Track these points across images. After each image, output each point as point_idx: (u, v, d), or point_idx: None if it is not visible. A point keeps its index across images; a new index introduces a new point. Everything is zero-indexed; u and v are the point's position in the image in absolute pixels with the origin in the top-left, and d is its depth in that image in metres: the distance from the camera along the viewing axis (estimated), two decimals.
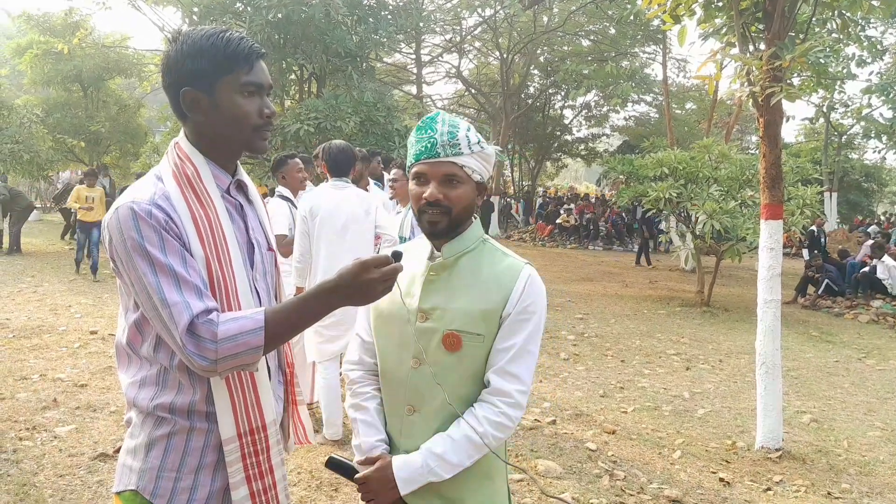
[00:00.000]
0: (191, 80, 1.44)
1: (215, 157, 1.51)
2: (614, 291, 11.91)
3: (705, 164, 10.48)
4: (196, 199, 1.44)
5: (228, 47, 1.43)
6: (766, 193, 4.58)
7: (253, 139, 1.49)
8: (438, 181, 1.62)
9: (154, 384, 1.45)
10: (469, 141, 1.61)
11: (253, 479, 1.48)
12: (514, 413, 1.59)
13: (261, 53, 1.48)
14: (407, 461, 1.60)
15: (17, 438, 4.11)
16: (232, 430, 1.44)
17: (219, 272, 1.42)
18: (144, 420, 1.46)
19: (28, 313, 7.59)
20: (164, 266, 1.33)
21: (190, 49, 1.43)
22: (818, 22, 5.20)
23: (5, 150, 15.21)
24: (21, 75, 21.89)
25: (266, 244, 1.62)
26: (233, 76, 1.44)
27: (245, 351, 1.33)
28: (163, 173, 1.47)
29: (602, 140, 28.50)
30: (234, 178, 1.55)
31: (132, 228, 1.34)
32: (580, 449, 4.46)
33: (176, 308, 1.31)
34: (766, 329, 4.58)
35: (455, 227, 1.64)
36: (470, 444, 1.57)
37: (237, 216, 1.54)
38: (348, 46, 12.95)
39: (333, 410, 4.31)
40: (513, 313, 1.60)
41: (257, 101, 1.47)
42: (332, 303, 1.39)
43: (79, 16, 20.34)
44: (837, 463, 4.52)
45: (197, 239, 1.40)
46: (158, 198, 1.39)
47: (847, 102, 22.53)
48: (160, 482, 1.43)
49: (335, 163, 4.37)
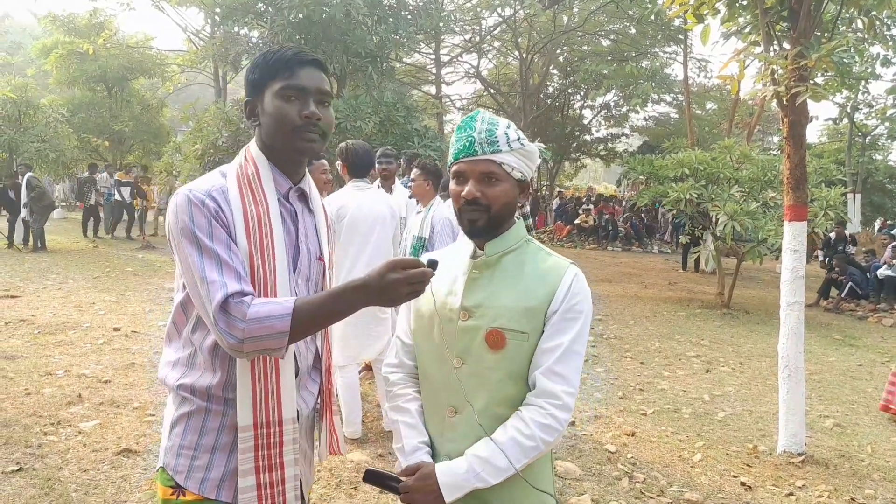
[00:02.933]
0: (250, 91, 1.59)
1: (278, 162, 1.60)
2: (633, 293, 11.83)
3: (726, 164, 10.36)
4: (252, 196, 1.53)
5: (275, 56, 1.55)
6: (790, 195, 4.53)
7: (293, 140, 1.54)
8: (476, 179, 1.60)
9: (184, 365, 1.55)
10: (508, 138, 1.59)
11: (262, 470, 1.51)
12: (561, 415, 1.55)
13: (307, 60, 1.56)
14: (451, 467, 1.55)
15: (42, 433, 4.18)
16: (249, 419, 1.49)
17: (260, 266, 1.49)
18: (173, 400, 1.57)
19: (53, 310, 7.71)
20: (210, 249, 1.42)
21: (252, 65, 1.59)
22: (843, 21, 5.13)
23: (31, 148, 15.47)
24: (47, 75, 22.27)
25: (318, 253, 1.66)
26: (275, 81, 1.54)
27: (270, 334, 1.38)
28: (228, 171, 1.57)
29: (622, 140, 28.28)
30: (296, 185, 1.63)
31: (185, 213, 1.44)
32: (599, 451, 4.44)
33: (213, 286, 1.39)
34: (789, 332, 4.52)
35: (495, 225, 1.62)
36: (517, 448, 1.52)
37: (290, 221, 1.60)
38: (368, 47, 12.99)
39: (353, 409, 4.33)
40: (559, 311, 1.56)
41: (298, 104, 1.54)
42: (358, 300, 1.42)
43: (103, 17, 20.69)
44: (861, 468, 4.46)
45: (244, 232, 1.48)
46: (215, 190, 1.49)
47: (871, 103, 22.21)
48: (179, 458, 1.52)
49: (357, 163, 4.36)
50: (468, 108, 26.25)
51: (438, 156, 12.23)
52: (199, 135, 13.31)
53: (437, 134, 15.33)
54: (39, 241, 13.00)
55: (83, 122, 20.47)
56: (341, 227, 4.24)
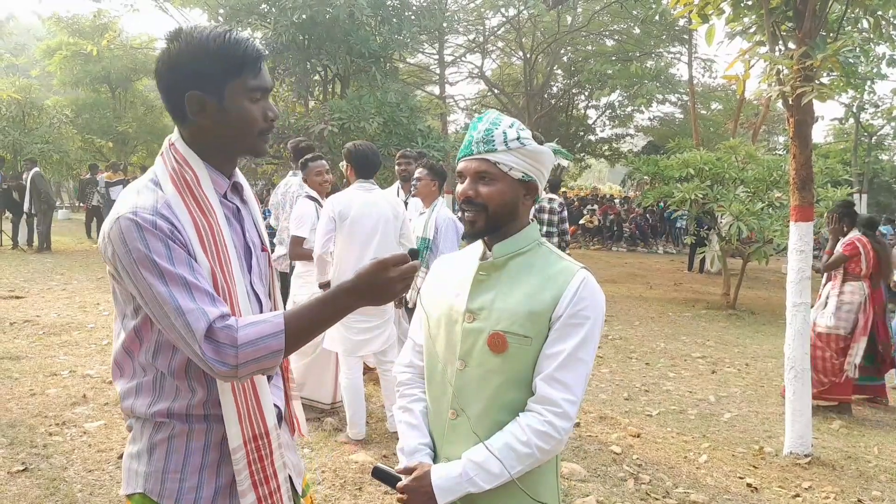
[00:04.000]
0: (197, 83, 1.39)
1: (213, 160, 1.47)
2: (638, 293, 11.81)
3: (732, 164, 10.33)
4: (197, 206, 1.41)
5: (238, 49, 1.39)
6: (796, 195, 4.51)
7: (257, 143, 1.47)
8: (472, 178, 1.60)
9: (150, 391, 1.44)
10: (506, 137, 1.57)
11: (259, 484, 1.48)
12: (560, 423, 1.50)
13: (262, 55, 1.46)
14: (446, 470, 1.54)
15: (48, 433, 4.18)
16: (238, 439, 1.44)
17: (223, 280, 1.41)
18: (144, 426, 1.47)
19: (58, 310, 7.73)
20: (175, 276, 1.31)
21: (196, 50, 1.38)
22: (849, 21, 5.10)
23: (35, 149, 15.52)
24: (51, 76, 22.30)
25: (261, 244, 1.61)
26: (241, 80, 1.40)
27: (266, 355, 1.32)
28: (160, 178, 1.42)
29: (626, 140, 28.22)
30: (230, 181, 1.53)
31: (137, 240, 1.30)
32: (605, 452, 4.43)
33: (192, 315, 1.29)
34: (795, 333, 4.50)
35: (496, 226, 1.60)
36: (512, 454, 1.49)
37: (234, 220, 1.53)
38: (372, 47, 12.98)
39: (357, 410, 4.32)
40: (564, 316, 1.52)
41: (262, 105, 1.45)
42: (350, 303, 1.39)
43: (107, 18, 20.71)
44: (867, 469, 4.44)
45: (200, 248, 1.38)
46: (161, 206, 1.36)
47: (877, 103, 22.12)
48: (166, 483, 1.44)
49: (362, 164, 4.34)
50: (472, 109, 26.25)
51: (442, 156, 12.22)
52: None
53: (440, 134, 15.32)
54: (45, 241, 13.03)
55: (87, 122, 20.53)
56: (343, 226, 4.23)
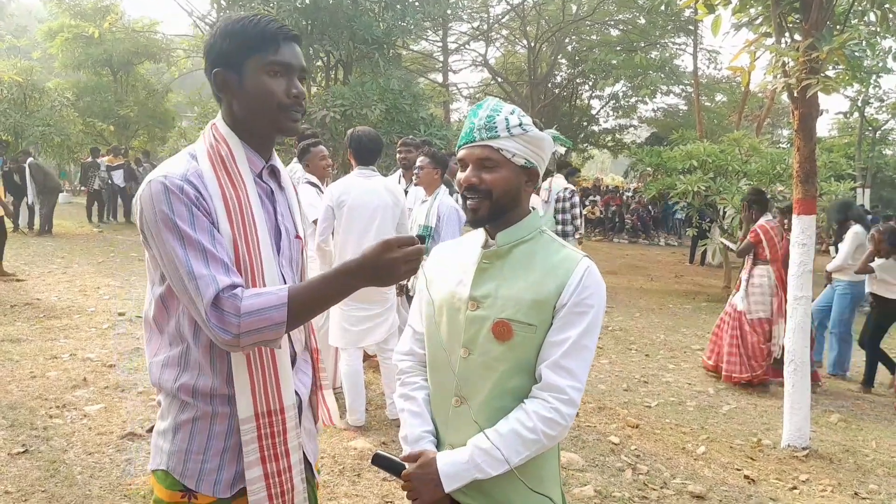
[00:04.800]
0: (222, 62, 1.46)
1: (249, 140, 1.52)
2: (639, 285, 11.81)
3: (735, 157, 10.31)
4: (228, 179, 1.45)
5: (256, 28, 1.44)
6: (800, 188, 4.49)
7: (280, 119, 1.48)
8: (475, 165, 1.59)
9: (177, 365, 1.47)
10: (508, 123, 1.56)
11: (268, 459, 1.48)
12: (566, 410, 1.51)
13: (290, 35, 1.49)
14: (452, 456, 1.54)
15: (48, 416, 4.20)
16: (249, 410, 1.45)
17: (245, 253, 1.43)
18: (171, 404, 1.49)
19: (58, 294, 7.73)
20: (193, 240, 1.34)
21: (222, 32, 1.46)
22: (856, 13, 5.06)
23: (37, 132, 15.49)
24: (52, 59, 22.23)
25: (294, 231, 1.62)
26: (259, 56, 1.44)
27: (268, 326, 1.34)
28: (197, 152, 1.48)
29: (630, 131, 28.13)
30: (267, 163, 1.56)
31: (163, 202, 1.35)
32: (603, 442, 4.44)
33: (202, 281, 1.32)
34: (795, 326, 4.50)
35: (499, 213, 1.60)
36: (518, 440, 1.50)
37: (267, 201, 1.54)
38: (375, 33, 12.92)
39: (356, 396, 4.33)
40: (568, 304, 1.53)
41: (284, 81, 1.47)
42: (355, 282, 1.39)
43: (109, 1, 20.57)
44: (865, 463, 4.45)
45: (226, 218, 1.41)
46: (191, 174, 1.40)
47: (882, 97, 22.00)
48: (188, 464, 1.46)
49: (361, 150, 4.32)
50: (475, 97, 26.14)
51: (444, 144, 12.18)
52: (204, 120, 13.30)
53: (443, 122, 15.27)
54: (47, 224, 13.04)
55: (88, 106, 20.44)
56: (342, 213, 4.22)
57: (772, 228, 6.10)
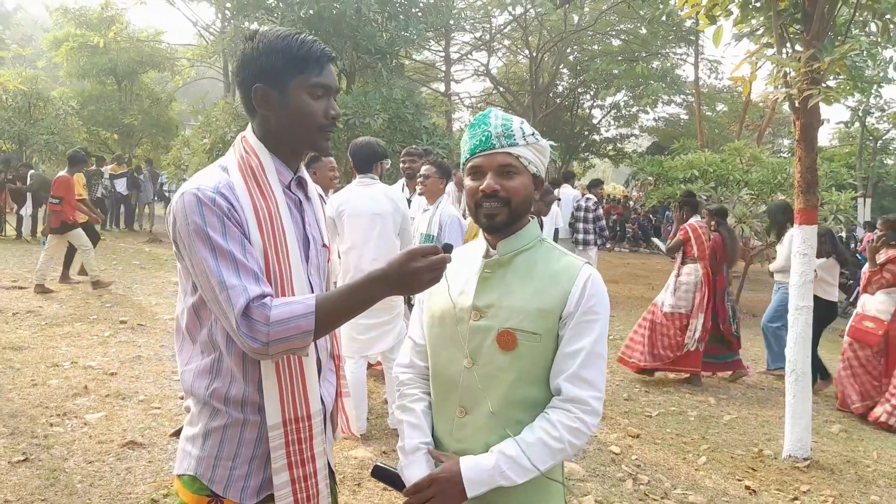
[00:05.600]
0: (263, 77, 1.49)
1: (280, 152, 1.56)
2: (640, 294, 11.79)
3: (736, 166, 10.34)
4: (259, 190, 1.49)
5: (302, 48, 1.48)
6: (801, 198, 4.50)
7: (317, 138, 1.53)
8: (495, 172, 1.59)
9: (209, 373, 1.51)
10: (524, 132, 1.60)
11: (294, 465, 1.51)
12: (591, 420, 1.52)
13: (331, 58, 1.54)
14: (477, 462, 1.53)
15: (48, 424, 4.20)
16: (278, 417, 1.48)
17: (275, 262, 1.47)
18: (202, 410, 1.52)
19: (60, 301, 7.75)
20: (225, 251, 1.38)
21: (265, 47, 1.48)
22: (857, 24, 5.08)
23: (41, 140, 15.54)
24: (57, 68, 22.35)
25: (321, 241, 1.66)
26: (304, 76, 1.49)
27: (296, 335, 1.37)
28: (228, 164, 1.52)
29: (631, 140, 28.21)
30: (295, 174, 1.60)
31: (196, 213, 1.39)
32: (604, 452, 4.43)
33: (234, 291, 1.36)
34: (797, 336, 4.50)
35: (514, 220, 1.61)
36: (545, 449, 1.51)
37: (296, 211, 1.59)
38: (378, 43, 12.98)
39: (359, 405, 4.33)
40: (577, 314, 1.54)
41: (324, 102, 1.52)
42: (380, 290, 1.42)
43: (114, 10, 20.72)
44: (866, 474, 4.43)
45: (257, 228, 1.45)
46: (223, 187, 1.44)
47: (884, 107, 22.05)
48: (217, 470, 1.49)
49: (358, 158, 4.37)
50: (477, 106, 26.23)
51: (446, 153, 12.21)
52: (207, 129, 13.33)
53: (445, 131, 15.30)
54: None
55: (92, 114, 20.51)
56: (342, 222, 4.24)
57: (700, 227, 6.39)
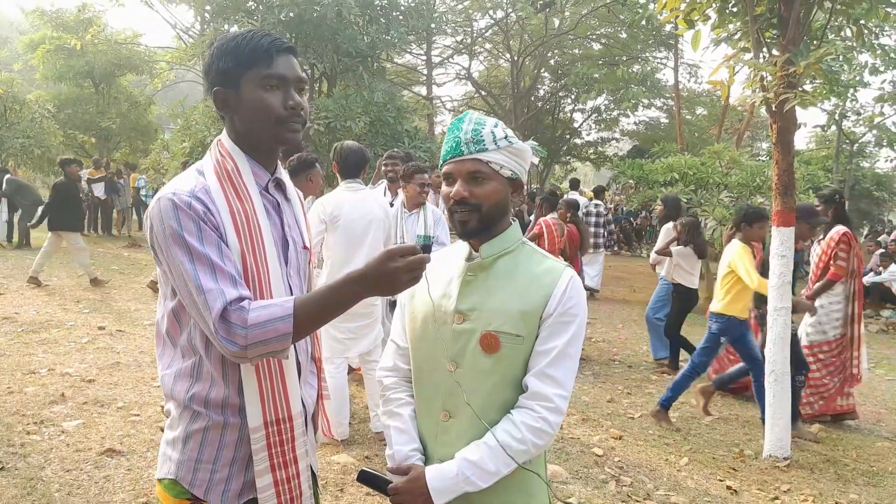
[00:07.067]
0: (220, 80, 1.50)
1: (254, 154, 1.55)
2: (622, 296, 11.87)
3: (716, 170, 10.43)
4: (235, 193, 1.48)
5: (250, 44, 1.48)
6: (778, 200, 4.55)
7: (279, 131, 1.51)
8: (464, 179, 1.59)
9: (189, 376, 1.50)
10: (494, 136, 1.58)
11: (278, 467, 1.51)
12: (553, 418, 1.53)
13: (284, 47, 1.51)
14: (441, 470, 1.54)
15: (25, 432, 4.13)
16: (259, 420, 1.47)
17: (253, 265, 1.46)
18: (182, 413, 1.51)
19: (37, 308, 7.63)
20: (202, 255, 1.38)
21: (218, 51, 1.50)
22: (832, 29, 5.16)
23: (17, 144, 15.31)
24: (33, 70, 21.99)
25: (301, 242, 1.65)
26: (253, 71, 1.48)
27: (275, 337, 1.36)
28: (205, 168, 1.52)
29: (612, 144, 28.37)
30: (272, 175, 1.59)
31: (172, 218, 1.38)
32: (587, 454, 4.44)
33: (211, 294, 1.35)
34: (775, 337, 4.54)
35: (487, 225, 1.60)
36: (508, 451, 1.51)
37: (274, 213, 1.58)
38: (359, 46, 12.96)
39: (341, 410, 4.29)
40: (554, 315, 1.55)
41: (280, 93, 1.50)
42: (358, 292, 1.41)
43: (92, 12, 20.45)
44: (845, 473, 4.49)
45: (233, 231, 1.45)
46: (198, 191, 1.44)
47: (859, 111, 22.39)
48: (198, 473, 1.49)
49: (347, 163, 4.35)
50: (459, 110, 26.21)
51: (428, 157, 12.22)
52: (187, 132, 13.23)
53: (427, 135, 15.31)
54: (25, 238, 12.87)
55: (69, 118, 20.24)
56: (336, 228, 4.22)
57: (553, 223, 6.80)
